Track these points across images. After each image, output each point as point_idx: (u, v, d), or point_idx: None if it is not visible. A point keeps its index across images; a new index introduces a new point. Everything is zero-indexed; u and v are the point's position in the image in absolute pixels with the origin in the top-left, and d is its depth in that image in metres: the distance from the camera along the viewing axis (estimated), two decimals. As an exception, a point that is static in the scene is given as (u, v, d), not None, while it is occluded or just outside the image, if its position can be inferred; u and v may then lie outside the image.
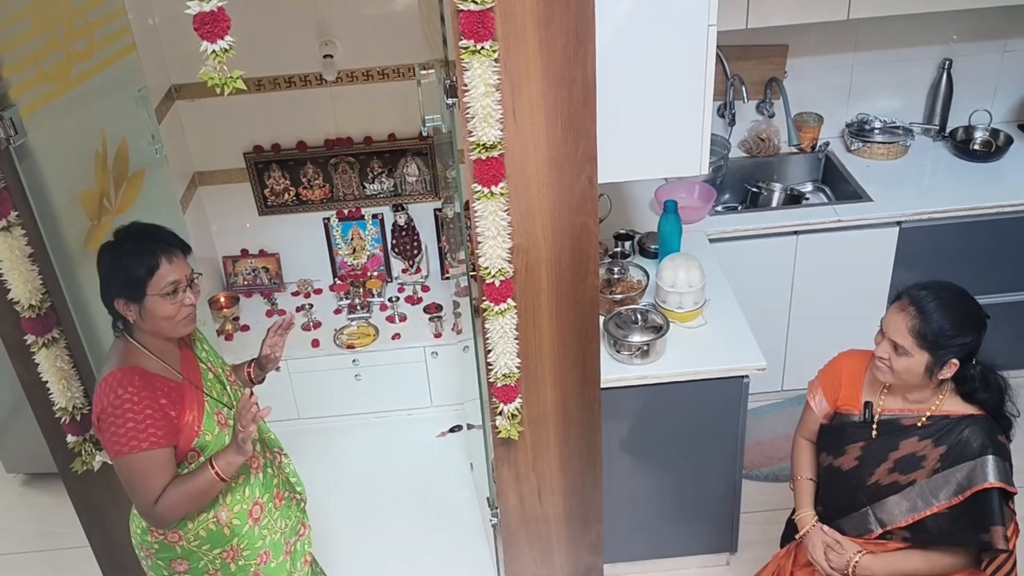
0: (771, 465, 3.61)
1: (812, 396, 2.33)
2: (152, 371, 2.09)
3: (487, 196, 2.17)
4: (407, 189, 3.83)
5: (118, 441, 2.02)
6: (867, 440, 2.16)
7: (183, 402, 2.11)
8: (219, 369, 2.30)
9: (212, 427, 2.15)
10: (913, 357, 2.02)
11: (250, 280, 3.95)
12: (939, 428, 2.08)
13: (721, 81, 3.66)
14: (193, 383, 2.16)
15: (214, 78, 1.79)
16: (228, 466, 2.12)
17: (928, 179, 3.66)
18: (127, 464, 2.04)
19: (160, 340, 2.14)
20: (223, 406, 2.22)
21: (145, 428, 2.02)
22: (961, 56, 3.75)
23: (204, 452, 2.14)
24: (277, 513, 2.35)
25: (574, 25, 2.03)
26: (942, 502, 2.05)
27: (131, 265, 2.03)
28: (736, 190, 3.88)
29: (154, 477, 2.05)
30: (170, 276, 2.05)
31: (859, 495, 2.16)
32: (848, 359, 2.29)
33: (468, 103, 2.06)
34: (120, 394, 2.01)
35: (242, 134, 3.68)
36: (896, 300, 2.08)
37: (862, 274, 3.55)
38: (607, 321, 2.80)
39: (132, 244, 2.06)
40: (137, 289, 2.04)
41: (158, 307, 2.06)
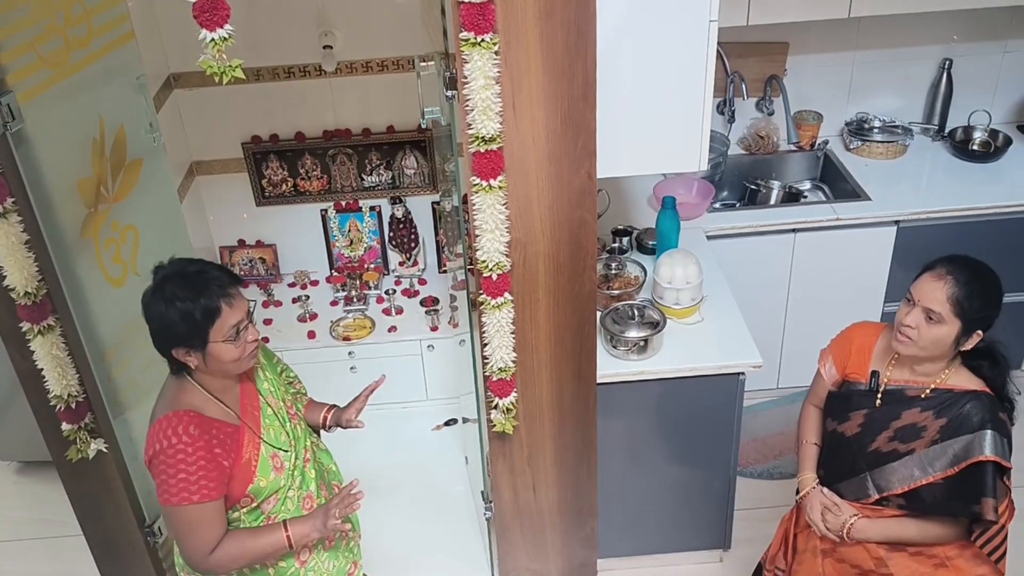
0: (766, 462, 3.61)
1: (823, 364, 2.37)
2: (209, 415, 1.99)
3: (485, 189, 2.16)
4: (405, 182, 3.82)
5: (167, 490, 1.94)
6: (871, 408, 2.20)
7: (239, 448, 2.02)
8: (280, 402, 2.18)
9: (267, 472, 2.07)
10: (945, 326, 2.05)
11: (247, 271, 3.94)
12: (942, 401, 2.12)
13: (721, 78, 3.66)
14: (251, 425, 2.07)
15: (213, 66, 1.78)
16: (303, 538, 2.07)
17: (926, 179, 3.66)
18: (176, 514, 1.97)
19: (220, 378, 2.04)
20: (279, 449, 2.11)
21: (197, 480, 1.93)
22: (961, 56, 3.75)
23: (257, 497, 2.07)
24: (326, 555, 2.26)
25: (575, 19, 2.02)
26: (938, 472, 2.09)
27: (190, 314, 1.90)
28: (734, 187, 3.88)
29: (204, 529, 1.98)
30: (232, 320, 1.95)
31: (859, 461, 2.21)
32: (860, 329, 2.33)
33: (468, 96, 2.05)
34: (174, 442, 1.93)
35: (240, 124, 3.67)
36: (928, 270, 2.10)
37: (859, 273, 3.55)
38: (604, 316, 2.80)
39: (185, 291, 1.91)
40: (199, 338, 1.93)
41: (223, 352, 1.96)
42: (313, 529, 2.08)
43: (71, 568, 3.35)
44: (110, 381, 2.63)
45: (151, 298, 1.95)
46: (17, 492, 3.75)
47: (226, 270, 2.03)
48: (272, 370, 2.25)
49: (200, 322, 1.92)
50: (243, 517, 2.10)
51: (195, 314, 1.91)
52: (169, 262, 2.01)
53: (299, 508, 2.18)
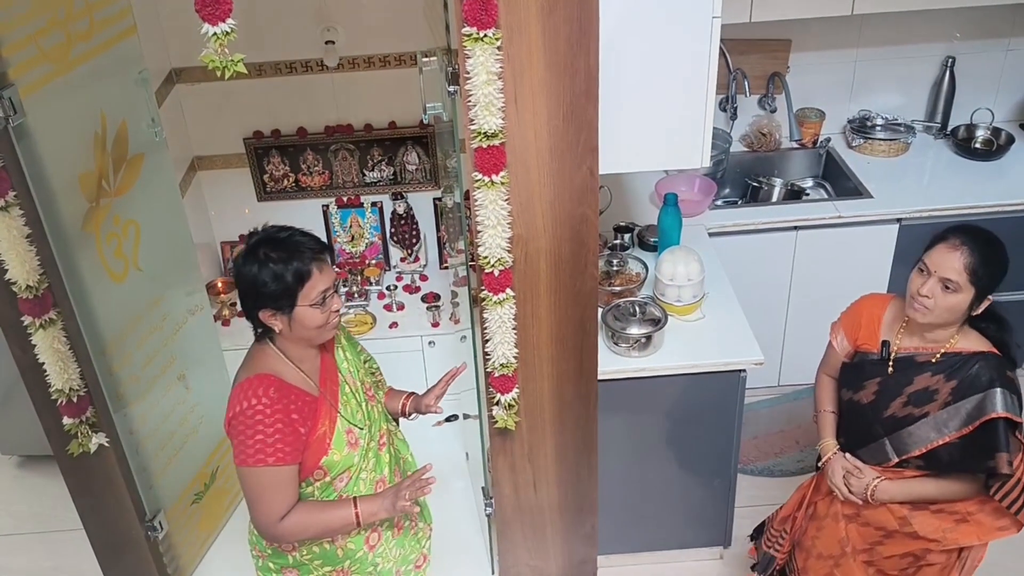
0: (766, 460, 3.61)
1: (834, 337, 2.44)
2: (289, 381, 2.03)
3: (487, 185, 2.16)
4: (407, 177, 3.82)
5: (244, 451, 1.98)
6: (884, 376, 2.28)
7: (316, 417, 2.05)
8: (358, 382, 2.21)
9: (342, 446, 2.10)
10: (961, 294, 2.12)
11: (248, 266, 3.94)
12: (951, 364, 2.19)
13: (723, 75, 3.65)
14: (329, 397, 2.10)
15: (215, 61, 1.78)
16: (371, 516, 2.09)
17: (929, 177, 3.66)
18: (251, 475, 2.00)
19: (302, 347, 2.08)
20: (354, 425, 2.15)
21: (274, 443, 1.97)
22: (964, 54, 3.74)
23: (330, 471, 2.09)
24: (394, 541, 2.29)
25: (577, 14, 2.02)
26: (953, 432, 2.17)
27: (281, 275, 1.95)
28: (736, 184, 3.87)
29: (276, 493, 2.01)
30: (321, 285, 1.99)
31: (876, 427, 2.28)
32: (868, 302, 2.41)
33: (470, 91, 2.05)
34: (253, 403, 1.97)
35: (242, 119, 3.66)
36: (942, 240, 2.16)
37: (861, 271, 3.55)
38: (605, 313, 2.80)
39: (280, 252, 1.96)
40: (288, 300, 1.97)
41: (308, 317, 2.00)
42: (381, 508, 2.09)
43: (72, 562, 3.35)
44: (111, 375, 2.63)
45: (244, 259, 1.99)
46: (18, 486, 3.75)
47: (316, 238, 2.06)
48: (353, 352, 2.27)
49: (291, 283, 1.96)
50: (316, 493, 2.12)
51: (287, 275, 1.95)
52: (262, 228, 2.06)
53: (371, 490, 2.21)
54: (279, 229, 2.04)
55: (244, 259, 1.99)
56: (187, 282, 3.02)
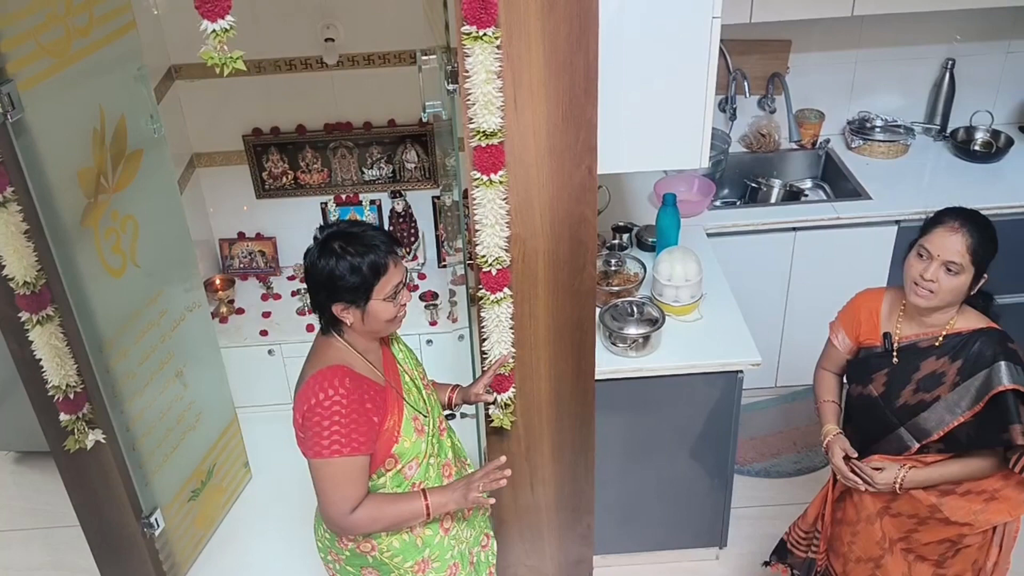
0: (763, 461, 3.61)
1: (834, 336, 2.46)
2: (360, 372, 2.04)
3: (486, 184, 2.16)
4: (406, 176, 3.81)
5: (319, 442, 1.97)
6: (890, 367, 2.30)
7: (385, 406, 2.06)
8: (414, 371, 2.23)
9: (410, 433, 2.10)
10: (964, 274, 2.15)
11: (246, 263, 3.94)
12: (954, 345, 2.22)
13: (723, 75, 3.65)
14: (394, 386, 2.12)
15: (214, 58, 1.77)
16: (441, 508, 2.09)
17: (928, 179, 3.65)
18: (326, 467, 1.99)
19: (368, 339, 2.09)
20: (419, 412, 2.16)
21: (349, 433, 1.97)
22: (964, 56, 3.74)
23: (401, 459, 2.10)
24: (464, 523, 2.30)
25: (577, 14, 2.02)
26: (966, 411, 2.19)
27: (359, 269, 1.96)
28: (735, 185, 3.87)
29: (351, 484, 2.01)
30: (395, 279, 2.01)
31: (891, 417, 2.30)
32: (864, 298, 2.43)
33: (469, 90, 2.05)
34: (330, 394, 1.96)
35: (241, 116, 3.66)
36: (937, 225, 2.19)
37: (859, 272, 3.53)
38: (603, 313, 2.80)
39: (356, 247, 1.97)
40: (363, 293, 1.98)
41: (382, 310, 2.01)
42: (451, 500, 2.10)
43: (68, 558, 3.35)
44: (108, 372, 2.63)
45: (318, 254, 1.99)
46: (14, 482, 3.75)
47: (388, 232, 2.08)
48: (404, 344, 2.29)
49: (368, 277, 1.97)
50: (388, 483, 2.12)
51: (363, 268, 1.96)
52: (332, 224, 2.06)
53: (439, 476, 2.22)
54: (350, 224, 2.04)
55: (319, 253, 1.99)
56: (185, 279, 3.02)
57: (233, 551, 3.28)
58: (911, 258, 2.22)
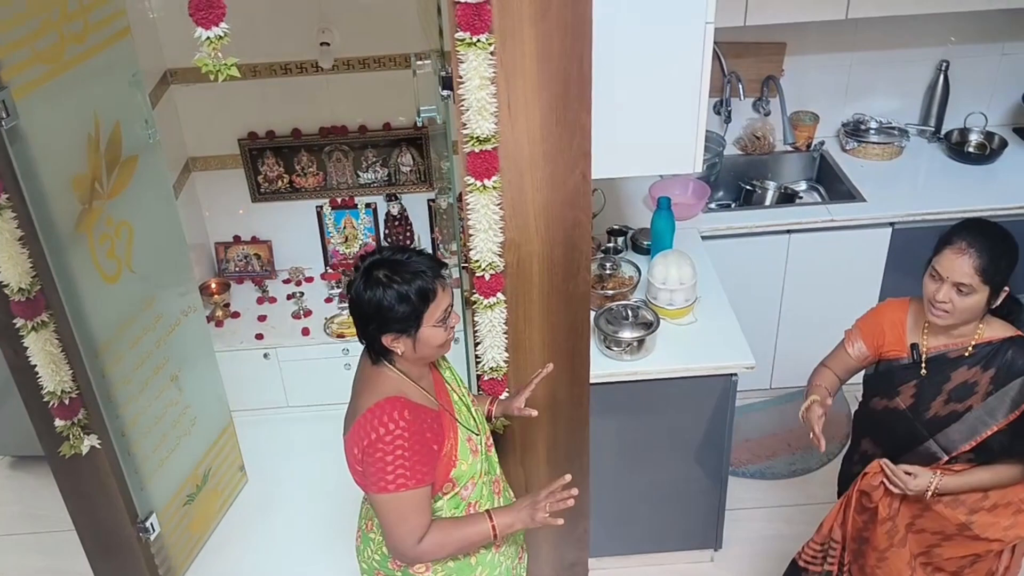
0: (758, 463, 3.62)
1: (850, 344, 2.43)
2: (416, 401, 1.99)
3: (480, 189, 2.16)
4: (401, 179, 3.82)
5: (383, 478, 1.92)
6: (919, 379, 2.27)
7: (442, 432, 2.02)
8: (461, 390, 2.20)
9: (467, 455, 2.06)
10: (977, 294, 2.13)
11: (242, 267, 3.94)
12: (985, 354, 2.21)
13: (718, 78, 3.66)
14: (447, 409, 2.08)
15: (208, 64, 1.78)
16: (507, 529, 2.04)
17: (922, 181, 3.66)
18: (391, 501, 1.94)
19: (419, 365, 2.05)
20: (471, 432, 2.12)
21: (413, 465, 1.92)
22: (958, 58, 3.75)
23: (458, 482, 2.06)
24: (511, 538, 2.26)
25: (570, 20, 2.02)
26: (1000, 420, 2.18)
27: (407, 297, 1.91)
28: (730, 187, 3.88)
29: (417, 515, 1.97)
30: (444, 303, 1.97)
31: (919, 429, 2.28)
32: (889, 308, 2.40)
33: (463, 95, 2.05)
34: (391, 428, 1.91)
35: (237, 120, 3.66)
36: (947, 245, 2.17)
37: (854, 274, 3.55)
38: (598, 316, 2.80)
39: (402, 274, 1.92)
40: (414, 321, 1.93)
41: (433, 336, 1.97)
42: (518, 520, 2.05)
43: (63, 563, 3.35)
44: (104, 377, 2.63)
45: (364, 285, 1.94)
46: (10, 487, 3.75)
47: (432, 255, 2.03)
48: (448, 363, 2.25)
49: (416, 304, 1.93)
50: (445, 506, 2.09)
51: (412, 296, 1.92)
52: (372, 253, 2.01)
53: (491, 493, 2.18)
54: (393, 251, 1.99)
55: (365, 285, 1.93)
56: (180, 283, 3.02)
57: (229, 555, 3.28)
58: (925, 278, 2.21)
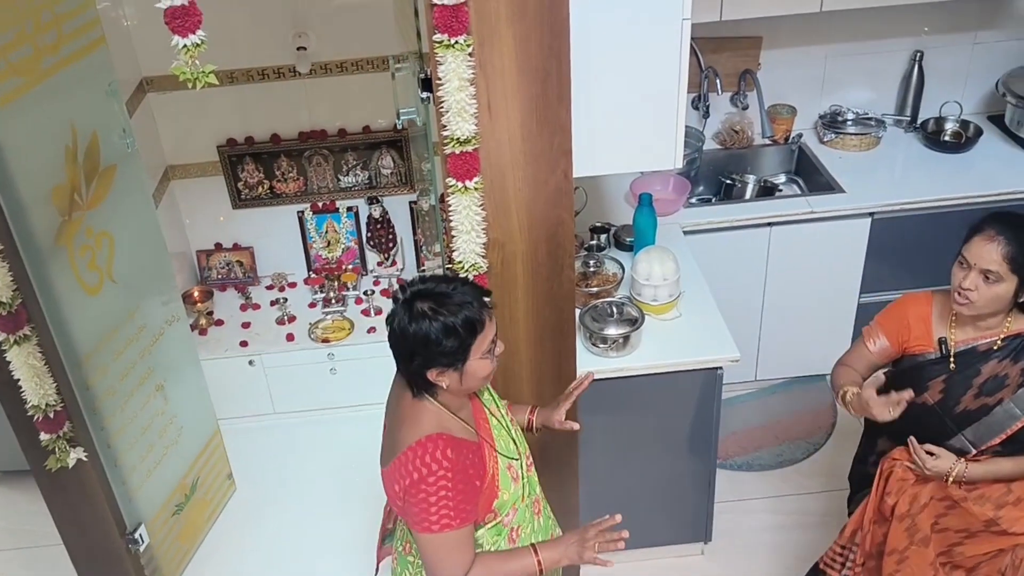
0: (745, 455, 3.64)
1: (871, 341, 2.40)
2: (458, 436, 1.92)
3: (461, 191, 2.17)
4: (382, 181, 3.81)
5: (428, 518, 1.87)
6: (948, 373, 2.27)
7: (484, 465, 1.96)
8: (500, 410, 2.12)
9: (508, 484, 2.01)
10: (1004, 283, 2.15)
11: (224, 274, 3.92)
12: (1014, 347, 2.22)
13: (695, 73, 3.67)
14: (487, 440, 2.01)
15: (186, 72, 1.77)
16: (554, 564, 1.99)
17: (900, 170, 3.69)
18: (434, 542, 1.90)
19: (461, 397, 1.98)
20: (511, 459, 2.05)
21: (458, 504, 1.87)
22: (932, 48, 3.78)
23: (500, 511, 2.01)
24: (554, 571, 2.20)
25: (548, 19, 2.03)
26: None
27: (454, 331, 1.83)
28: (710, 182, 3.90)
29: (462, 553, 1.92)
30: (491, 334, 1.90)
31: (948, 424, 2.29)
32: (912, 303, 2.38)
33: (442, 97, 2.06)
34: (434, 468, 1.85)
35: (215, 127, 3.65)
36: (976, 233, 2.19)
37: (834, 265, 3.58)
38: (583, 314, 2.81)
39: (448, 307, 1.84)
40: (462, 355, 1.86)
41: (479, 368, 1.90)
42: (564, 556, 1.99)
43: (52, 577, 3.33)
44: (88, 389, 2.62)
45: (409, 319, 1.85)
46: (-4, 501, 3.72)
47: (475, 284, 1.97)
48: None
49: (464, 337, 1.85)
50: (486, 535, 2.03)
51: (459, 329, 1.84)
52: (411, 283, 1.92)
53: (532, 515, 2.13)
54: (433, 282, 1.91)
55: (409, 318, 1.85)
56: (163, 292, 3.01)
57: (219, 564, 3.26)
58: (954, 266, 2.22)
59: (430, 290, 1.88)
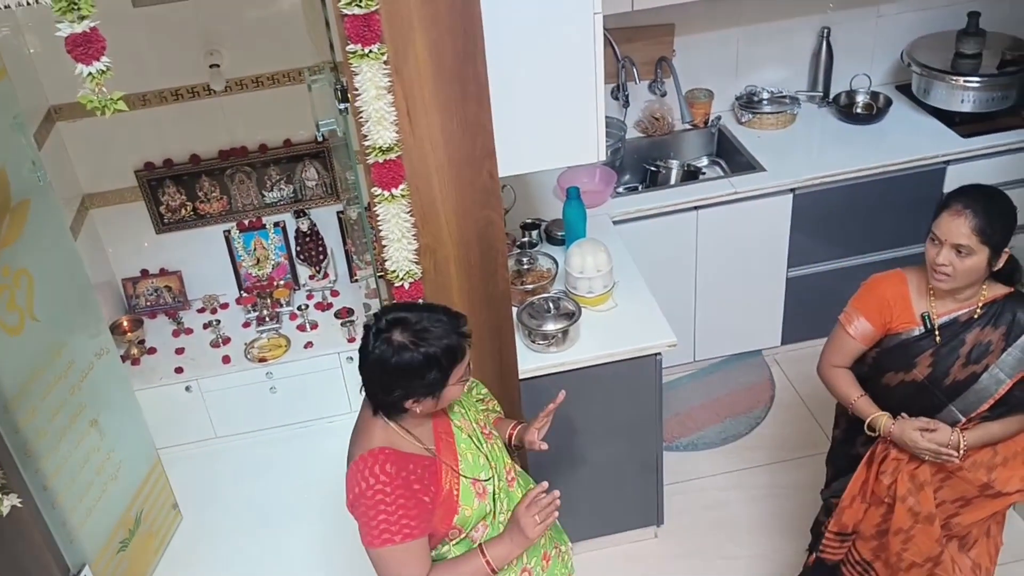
0: (690, 435, 3.70)
1: (849, 325, 2.38)
2: (405, 450, 1.93)
3: (388, 199, 2.16)
4: (307, 194, 3.77)
5: (370, 532, 1.89)
6: (934, 347, 2.29)
7: (437, 481, 1.95)
8: (473, 425, 2.09)
9: (471, 501, 1.99)
10: (976, 255, 2.17)
11: (153, 300, 3.83)
12: (993, 313, 2.26)
13: (612, 64, 3.71)
14: (447, 459, 1.99)
15: (93, 101, 1.73)
16: (504, 559, 1.99)
17: (816, 145, 3.78)
18: (380, 557, 1.91)
19: (422, 416, 1.97)
20: (477, 479, 2.02)
21: (398, 520, 1.88)
22: (838, 23, 3.87)
23: (465, 527, 2.00)
24: (545, 574, 2.19)
25: (461, 23, 2.03)
26: (1015, 374, 2.24)
27: (436, 361, 1.85)
28: (636, 170, 3.94)
29: (408, 568, 1.92)
30: (467, 359, 1.93)
31: (939, 397, 2.30)
32: (886, 282, 2.37)
33: (360, 107, 2.04)
34: (372, 483, 1.87)
35: (131, 152, 3.55)
36: (944, 209, 2.20)
37: (761, 241, 3.65)
38: (520, 312, 2.82)
39: (427, 338, 1.85)
40: (441, 384, 1.88)
41: (454, 393, 1.93)
42: (514, 545, 2.00)
43: (-3, 628, 3.22)
44: (17, 433, 2.53)
45: (389, 352, 1.85)
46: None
47: (446, 308, 1.96)
48: (465, 395, 2.17)
49: (445, 367, 1.87)
50: (452, 550, 2.03)
51: (441, 359, 1.86)
52: (385, 311, 1.92)
53: None
54: (407, 309, 1.93)
55: (391, 351, 1.85)
56: (89, 325, 2.92)
57: (172, 597, 3.20)
58: (927, 244, 2.24)
59: (403, 320, 1.88)
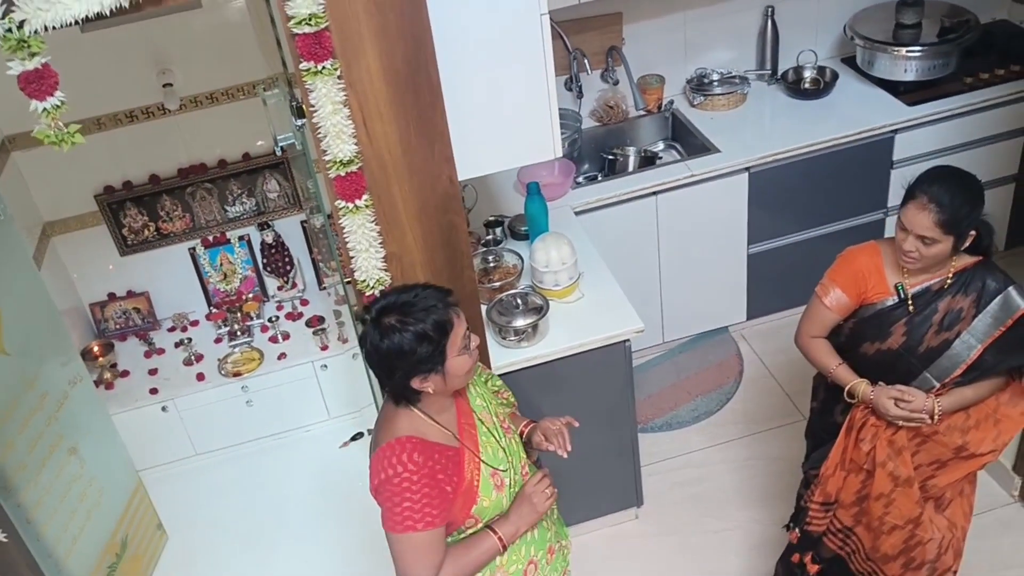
0: (662, 415, 3.76)
1: (825, 296, 2.43)
2: (431, 439, 1.97)
3: (352, 211, 2.18)
4: (270, 206, 3.77)
5: (392, 518, 1.94)
6: (908, 316, 2.35)
7: (460, 470, 2.00)
8: (493, 418, 2.14)
9: (489, 491, 2.04)
10: (941, 243, 2.23)
11: (122, 323, 3.82)
12: (963, 281, 2.32)
13: (563, 56, 3.74)
14: (469, 446, 2.04)
15: (50, 136, 1.74)
16: (514, 536, 2.05)
17: (768, 123, 3.84)
18: (400, 542, 1.96)
19: (443, 399, 2.03)
20: (497, 468, 2.07)
21: (421, 508, 1.92)
22: (781, 1, 3.93)
23: (482, 517, 2.05)
24: (548, 568, 2.23)
25: (410, 32, 2.06)
26: (986, 339, 2.30)
27: (426, 336, 1.89)
28: (594, 159, 3.99)
29: (428, 556, 1.96)
30: (461, 329, 1.96)
31: (914, 364, 2.36)
32: (861, 254, 2.43)
33: (318, 123, 2.07)
34: (399, 470, 1.92)
35: (89, 176, 3.54)
36: (911, 199, 2.25)
37: (720, 221, 3.72)
38: (489, 309, 2.86)
39: (415, 314, 1.90)
40: (439, 357, 1.92)
41: (459, 365, 1.96)
42: (522, 521, 2.06)
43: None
44: (-3, 467, 2.54)
45: (380, 335, 1.91)
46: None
47: (433, 285, 2.01)
48: (481, 384, 2.21)
49: (437, 340, 1.91)
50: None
51: (430, 332, 1.90)
52: (377, 300, 1.99)
53: None
54: (395, 293, 1.98)
55: (380, 335, 1.91)
56: (60, 354, 2.92)
57: (165, 616, 3.22)
58: (896, 227, 2.30)
59: (392, 303, 1.94)
